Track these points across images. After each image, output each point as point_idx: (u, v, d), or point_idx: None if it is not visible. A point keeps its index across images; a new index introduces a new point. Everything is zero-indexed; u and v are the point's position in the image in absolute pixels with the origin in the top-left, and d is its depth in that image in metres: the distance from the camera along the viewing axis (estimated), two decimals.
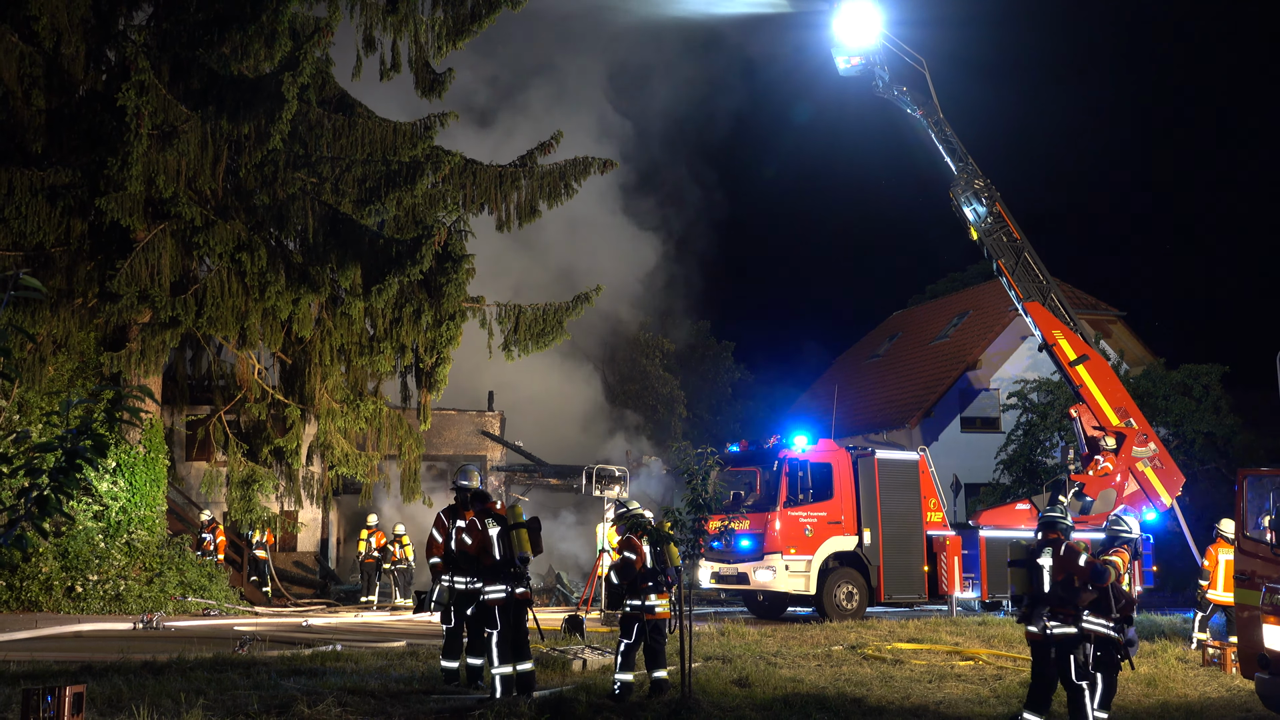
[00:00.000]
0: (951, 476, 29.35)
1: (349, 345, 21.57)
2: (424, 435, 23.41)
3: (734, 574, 20.13)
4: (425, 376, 21.68)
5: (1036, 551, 9.97)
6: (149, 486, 20.24)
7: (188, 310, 18.90)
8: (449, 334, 20.87)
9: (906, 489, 20.81)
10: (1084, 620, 9.72)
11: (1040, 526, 10.19)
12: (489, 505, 10.63)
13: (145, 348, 19.23)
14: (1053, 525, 10.09)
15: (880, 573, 20.00)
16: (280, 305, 19.51)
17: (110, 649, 13.11)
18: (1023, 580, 9.96)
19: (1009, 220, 22.96)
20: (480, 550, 10.48)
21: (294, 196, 19.90)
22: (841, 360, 45.68)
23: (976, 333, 36.07)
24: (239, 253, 18.90)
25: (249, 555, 25.05)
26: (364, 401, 22.11)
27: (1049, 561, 9.85)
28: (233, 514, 22.63)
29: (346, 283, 20.04)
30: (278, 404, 22.34)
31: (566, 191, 21.43)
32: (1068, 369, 22.61)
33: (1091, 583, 9.69)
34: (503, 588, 10.25)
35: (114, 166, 17.64)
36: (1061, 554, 9.84)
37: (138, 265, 18.59)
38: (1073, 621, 9.70)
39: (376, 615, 21.09)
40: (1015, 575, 10.03)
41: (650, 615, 10.79)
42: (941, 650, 15.12)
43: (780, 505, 19.67)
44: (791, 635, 16.45)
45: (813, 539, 19.71)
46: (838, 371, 43.46)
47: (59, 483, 4.32)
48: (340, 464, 22.30)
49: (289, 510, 25.01)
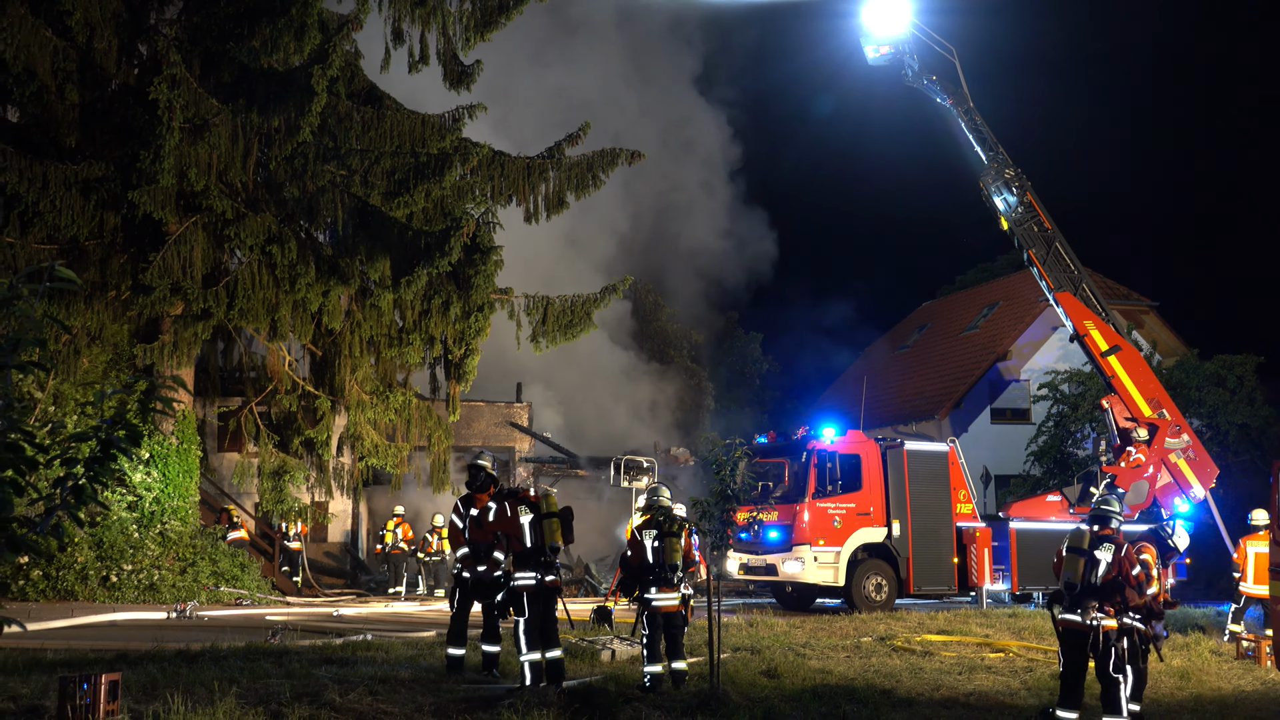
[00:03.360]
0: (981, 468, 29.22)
1: (378, 337, 21.68)
2: (453, 426, 23.52)
3: (762, 565, 20.12)
4: (454, 368, 21.76)
5: (1095, 543, 9.90)
6: (182, 477, 20.43)
7: (219, 302, 19.05)
8: (477, 325, 20.95)
9: (936, 480, 20.71)
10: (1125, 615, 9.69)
11: (1093, 518, 10.08)
12: (523, 494, 10.64)
13: (177, 339, 19.41)
14: (1107, 519, 10.00)
15: (909, 564, 19.92)
16: (310, 297, 19.63)
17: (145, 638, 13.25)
18: (1078, 568, 9.87)
19: (1040, 209, 22.77)
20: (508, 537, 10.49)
21: (323, 189, 20.01)
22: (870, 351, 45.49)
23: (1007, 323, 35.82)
24: (269, 245, 19.02)
25: (280, 545, 25.21)
26: (393, 393, 22.23)
27: (1107, 557, 9.77)
28: (264, 504, 22.82)
29: (376, 275, 20.15)
30: (308, 395, 22.50)
31: (594, 183, 21.44)
32: (1099, 360, 22.41)
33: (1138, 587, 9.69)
34: (533, 574, 10.27)
35: (146, 160, 17.79)
36: (1122, 554, 9.80)
37: (170, 258, 18.75)
38: (1117, 615, 9.64)
39: (406, 606, 21.21)
40: (1070, 562, 9.93)
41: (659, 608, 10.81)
42: (971, 642, 15.05)
43: (809, 496, 19.62)
44: (820, 627, 16.42)
45: (841, 530, 19.66)
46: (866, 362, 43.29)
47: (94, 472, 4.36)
48: (370, 455, 22.43)
49: (319, 501, 25.13)
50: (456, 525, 11.38)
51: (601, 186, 21.63)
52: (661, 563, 10.92)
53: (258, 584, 21.02)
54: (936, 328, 41.17)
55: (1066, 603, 9.87)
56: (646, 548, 11.05)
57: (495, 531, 10.53)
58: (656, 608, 10.85)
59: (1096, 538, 9.92)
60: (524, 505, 10.48)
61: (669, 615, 10.88)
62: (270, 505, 22.79)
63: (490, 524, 10.64)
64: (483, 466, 11.49)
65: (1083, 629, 9.69)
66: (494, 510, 10.68)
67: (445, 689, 10.06)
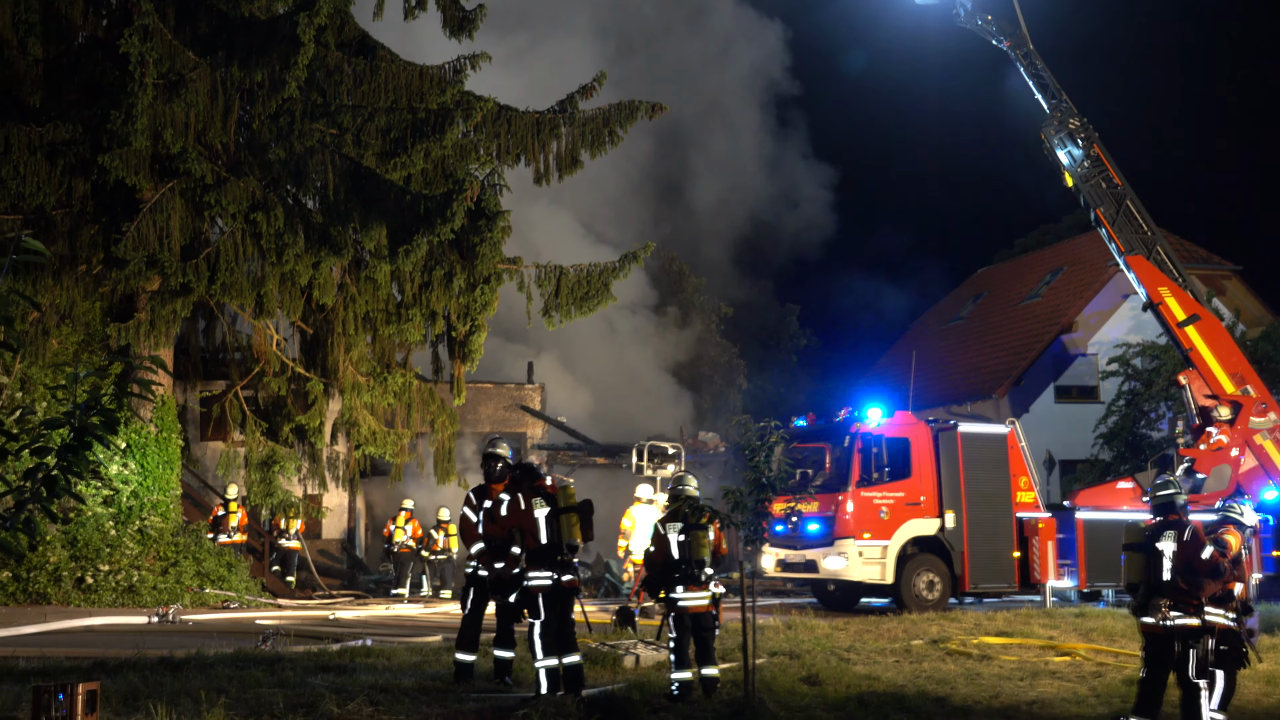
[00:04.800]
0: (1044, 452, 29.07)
1: (375, 313, 21.75)
2: (458, 411, 23.58)
3: (801, 561, 20.12)
4: (458, 346, 21.82)
5: (1155, 535, 9.81)
6: (162, 469, 20.60)
7: (199, 276, 19.15)
8: (484, 299, 20.97)
9: (994, 466, 20.63)
10: (1206, 612, 9.59)
11: (1156, 507, 10.04)
12: (539, 483, 10.64)
13: (155, 318, 19.52)
14: (1170, 505, 9.94)
15: (965, 559, 19.89)
16: (299, 269, 19.70)
17: (124, 644, 13.39)
18: (1139, 567, 9.81)
19: (1108, 164, 22.58)
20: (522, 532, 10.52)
21: (312, 150, 20.04)
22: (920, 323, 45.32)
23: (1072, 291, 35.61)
24: (254, 212, 19.09)
25: (269, 543, 25.39)
26: (392, 374, 22.31)
27: (1171, 547, 9.67)
28: (252, 498, 22.96)
29: (371, 244, 20.18)
30: (298, 378, 22.61)
31: (611, 139, 21.38)
32: (1176, 330, 22.25)
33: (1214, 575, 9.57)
34: (548, 574, 10.30)
35: (117, 120, 17.86)
36: (1185, 539, 9.68)
37: (145, 228, 18.85)
38: (1195, 613, 9.56)
39: (410, 608, 21.35)
40: (1130, 561, 9.89)
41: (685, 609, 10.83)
42: (1034, 645, 15.04)
43: (853, 485, 19.60)
44: (866, 628, 16.44)
45: (889, 522, 19.64)
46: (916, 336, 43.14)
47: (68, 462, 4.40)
48: (367, 443, 22.53)
49: (312, 494, 25.29)
50: (470, 519, 11.40)
51: (620, 143, 21.56)
52: (688, 559, 10.93)
53: (246, 585, 21.20)
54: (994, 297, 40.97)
55: (1136, 604, 9.84)
56: (671, 542, 11.06)
57: (510, 526, 10.56)
58: (684, 608, 10.88)
59: (1158, 527, 9.85)
60: (540, 497, 10.51)
61: (698, 617, 10.90)
62: (259, 499, 22.94)
63: (503, 518, 10.66)
64: (500, 456, 11.50)
65: (1159, 631, 9.65)
66: (506, 503, 10.70)
67: (453, 699, 10.14)
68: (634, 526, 19.34)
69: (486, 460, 11.53)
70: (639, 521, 19.25)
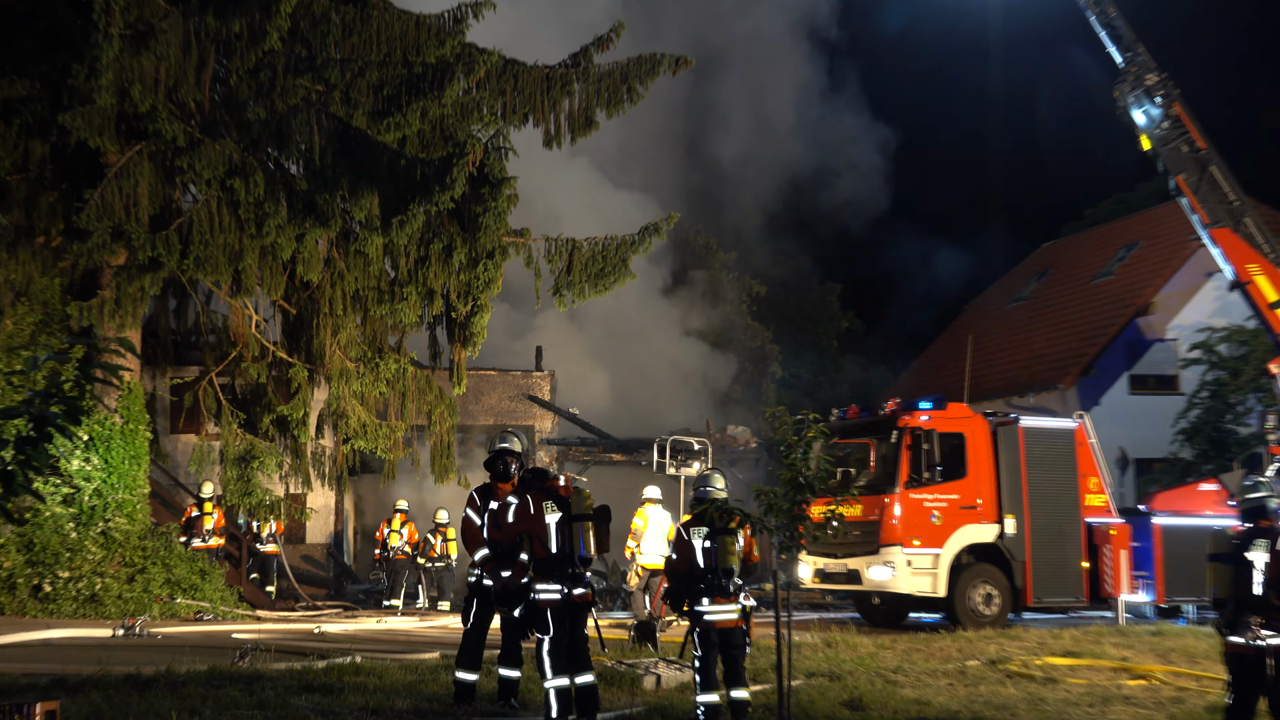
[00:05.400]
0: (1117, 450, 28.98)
1: (365, 291, 21.78)
2: (458, 401, 23.62)
3: (842, 571, 20.11)
4: (459, 328, 21.84)
5: (1244, 544, 9.73)
6: (128, 464, 20.67)
7: (170, 249, 19.18)
8: (487, 275, 20.98)
9: (1060, 465, 20.57)
10: None
11: (1244, 512, 9.96)
12: (551, 484, 10.64)
13: (120, 295, 19.57)
14: (1261, 510, 9.87)
15: (1027, 570, 19.84)
16: (281, 242, 19.73)
17: (86, 659, 13.46)
18: (1226, 579, 9.74)
19: (1190, 125, 22.42)
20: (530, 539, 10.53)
21: (296, 109, 20.05)
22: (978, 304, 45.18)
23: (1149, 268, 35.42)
24: (231, 178, 19.11)
25: (248, 548, 25.51)
26: (384, 360, 22.35)
27: (1263, 557, 9.59)
28: (228, 497, 23.04)
29: (361, 214, 20.20)
30: (280, 364, 22.67)
31: (630, 97, 21.34)
32: (1266, 313, 22.12)
33: None
34: (557, 587, 10.31)
35: (79, 75, 17.88)
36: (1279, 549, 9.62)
37: (110, 195, 18.89)
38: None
39: (404, 621, 21.42)
40: (1217, 573, 9.82)
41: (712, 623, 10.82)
42: (1105, 666, 15.00)
43: (901, 485, 19.58)
44: (915, 647, 16.41)
45: (941, 528, 19.61)
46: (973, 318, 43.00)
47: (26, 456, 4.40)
48: (357, 436, 22.59)
49: (295, 493, 25.40)
50: (473, 522, 11.35)
51: (639, 101, 21.51)
52: (715, 567, 10.93)
53: (222, 595, 21.26)
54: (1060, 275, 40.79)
55: (1223, 621, 9.77)
56: (695, 549, 11.04)
57: (517, 532, 10.56)
58: (710, 623, 10.87)
59: (1247, 535, 9.77)
60: (551, 502, 10.51)
61: (726, 632, 10.89)
62: (236, 499, 23.02)
63: (509, 524, 10.66)
64: (513, 452, 11.46)
65: (1248, 652, 9.58)
66: (514, 507, 10.69)
67: None
68: (645, 526, 19.38)
69: (497, 456, 11.47)
70: (651, 521, 19.30)
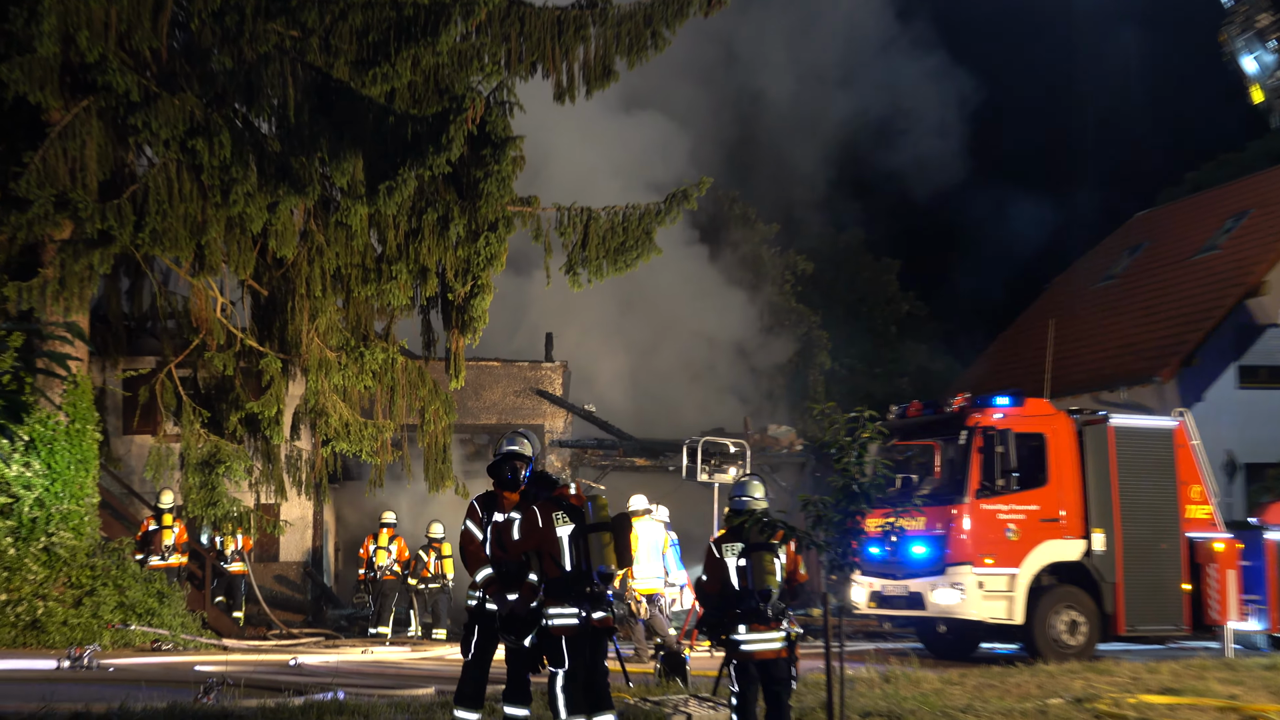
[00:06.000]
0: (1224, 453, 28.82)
1: (348, 269, 21.82)
2: (456, 396, 23.64)
3: (903, 594, 20.07)
4: (456, 312, 21.88)
5: None
6: (74, 470, 20.73)
7: (123, 221, 19.24)
8: (489, 251, 21.01)
9: (1157, 471, 20.49)
10: None
11: None
12: (561, 492, 10.64)
13: (65, 274, 19.65)
14: None
15: (1118, 593, 19.78)
16: (251, 212, 19.77)
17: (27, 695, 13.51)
18: None
19: None
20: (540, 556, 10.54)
21: (267, 57, 20.08)
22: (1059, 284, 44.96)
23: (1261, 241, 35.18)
24: (192, 139, 19.15)
25: (213, 567, 25.54)
26: (370, 349, 22.39)
27: None
28: (190, 508, 23.09)
29: (343, 179, 20.24)
30: (250, 353, 22.71)
31: (654, 42, 21.33)
32: None
33: None
34: (574, 611, 10.31)
35: (18, 20, 17.93)
36: None
37: (53, 158, 18.95)
38: None
39: (394, 651, 21.47)
40: None
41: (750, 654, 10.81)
42: (1211, 706, 14.92)
43: (971, 495, 19.51)
44: (988, 682, 16.37)
45: (1018, 544, 19.54)
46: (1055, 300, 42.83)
47: None
48: (338, 438, 22.65)
49: (267, 504, 25.46)
50: (474, 536, 11.32)
51: (665, 47, 21.50)
52: (752, 589, 10.93)
53: (183, 621, 21.35)
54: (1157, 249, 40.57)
55: None
56: (729, 569, 11.05)
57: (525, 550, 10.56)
58: (748, 654, 10.87)
59: None
60: (562, 512, 10.51)
61: (766, 665, 10.90)
62: (199, 510, 23.07)
63: (515, 542, 10.67)
64: (522, 456, 11.42)
65: None
66: (519, 521, 10.70)
67: None
68: (636, 545, 19.38)
69: (503, 461, 11.42)
70: (641, 538, 19.22)
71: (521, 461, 11.37)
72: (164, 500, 23.90)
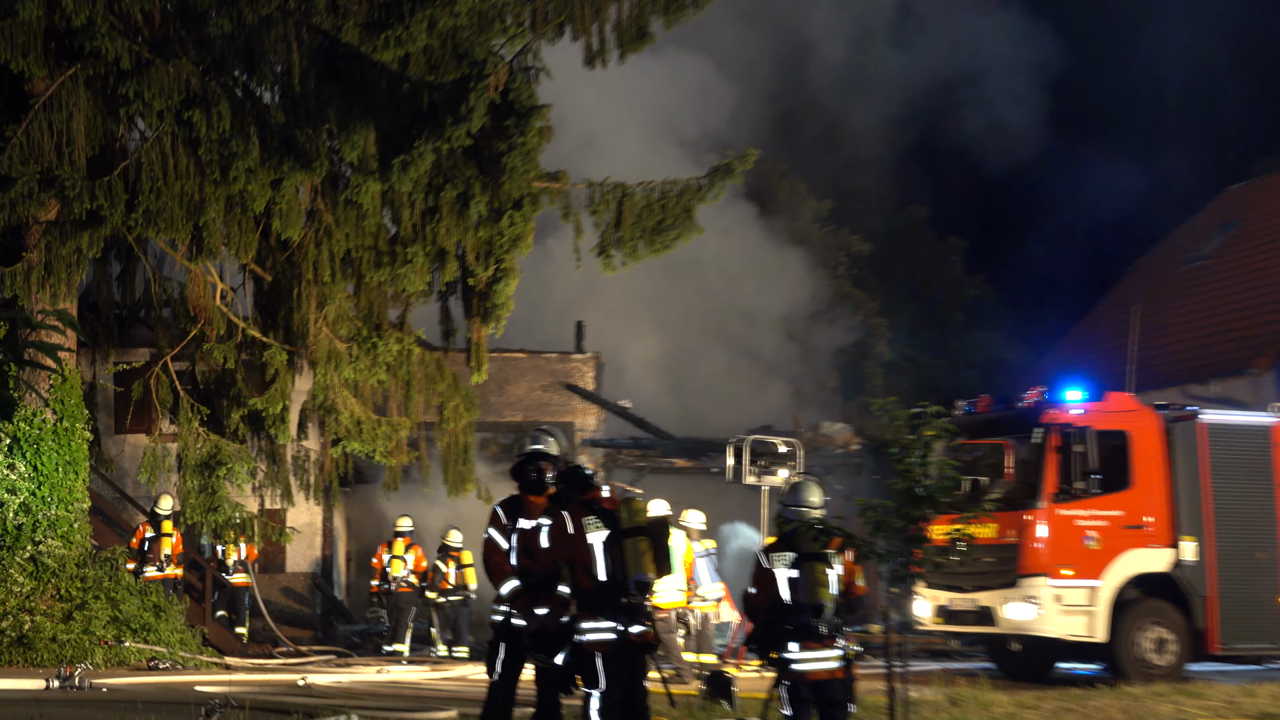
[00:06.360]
0: None
1: (359, 252, 21.84)
2: (478, 391, 23.65)
3: (971, 608, 20.03)
4: (478, 299, 21.91)
5: None
6: (63, 472, 20.80)
7: (114, 200, 19.32)
8: (514, 231, 21.00)
9: (1254, 473, 20.38)
10: None
11: None
12: (593, 495, 10.65)
13: (52, 258, 19.74)
14: None
15: (1211, 608, 19.68)
16: (252, 190, 19.82)
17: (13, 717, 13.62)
18: None
19: None
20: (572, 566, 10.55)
21: (270, 20, 20.15)
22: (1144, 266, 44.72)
23: None
24: (188, 110, 19.22)
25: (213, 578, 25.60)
26: (384, 339, 22.40)
27: None
28: (189, 514, 23.15)
29: (354, 154, 20.27)
30: (253, 344, 22.77)
31: (694, 2, 21.28)
32: None
33: None
34: (609, 625, 10.33)
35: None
36: None
37: (37, 132, 19.05)
38: None
39: (412, 670, 21.52)
40: None
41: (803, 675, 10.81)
42: None
43: (1046, 499, 19.47)
44: (1066, 706, 16.34)
45: (1100, 553, 19.48)
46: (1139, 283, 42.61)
47: None
48: (349, 437, 22.67)
49: (272, 509, 25.53)
50: (498, 545, 11.36)
51: (707, 6, 21.47)
52: (804, 603, 10.93)
53: (182, 637, 21.40)
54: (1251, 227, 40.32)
55: None
56: (779, 581, 11.05)
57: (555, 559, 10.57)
58: (801, 674, 10.88)
59: None
60: (594, 517, 10.53)
61: (821, 686, 10.90)
62: (198, 516, 23.13)
63: (545, 550, 10.68)
64: (549, 456, 11.46)
65: None
66: (548, 528, 10.72)
67: None
68: None
69: (527, 461, 11.44)
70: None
71: (547, 462, 11.36)
72: (162, 505, 23.97)
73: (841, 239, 42.87)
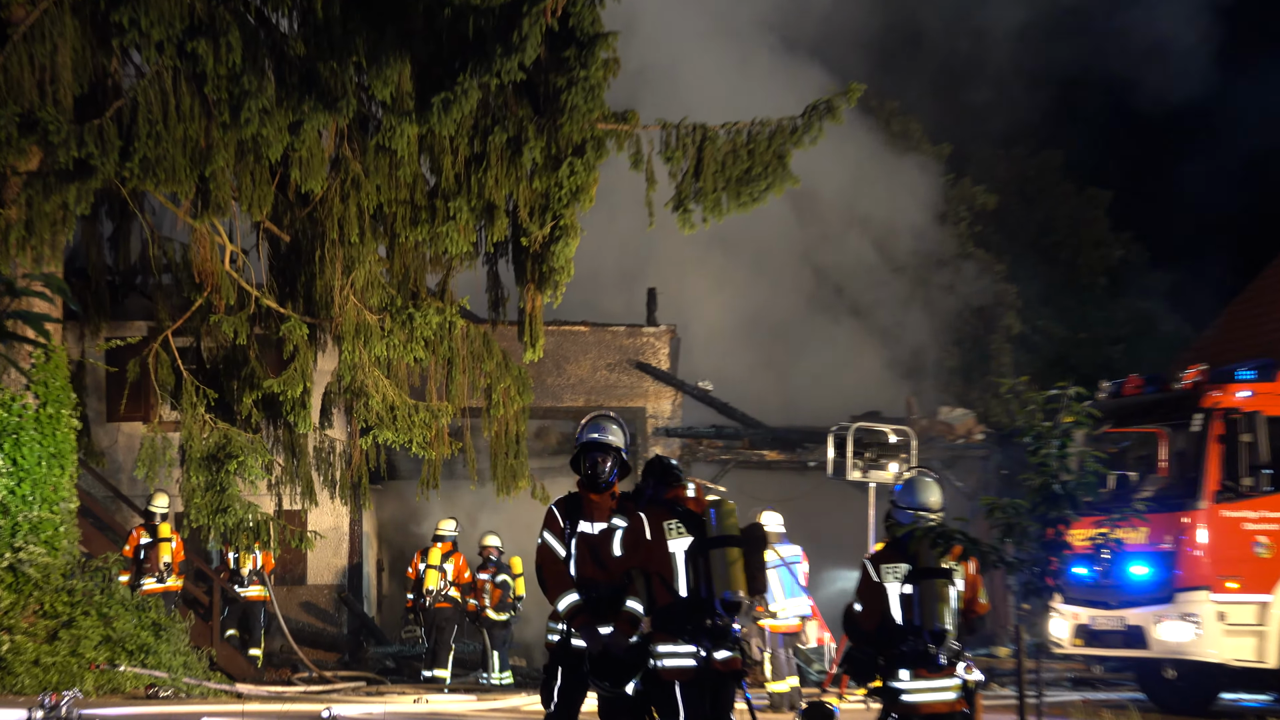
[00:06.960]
0: None
1: (392, 207, 21.86)
2: (532, 371, 23.64)
3: (1118, 627, 19.91)
4: (532, 262, 21.92)
5: None
6: (46, 467, 20.98)
7: (105, 146, 19.44)
8: (574, 181, 20.96)
9: None
10: None
11: None
12: (676, 494, 10.63)
13: (33, 215, 19.88)
14: None
15: None
16: (267, 134, 19.89)
17: None
18: None
19: None
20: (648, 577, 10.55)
21: None
22: None
23: None
24: (192, 40, 19.30)
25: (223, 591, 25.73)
26: (421, 309, 22.43)
27: None
28: (193, 516, 23.27)
29: (386, 91, 20.31)
30: (268, 316, 22.87)
31: None
32: None
33: None
34: (690, 650, 10.33)
35: None
36: None
37: (16, 67, 19.18)
38: None
39: (455, 700, 21.61)
40: None
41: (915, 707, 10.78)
42: None
43: (1208, 497, 19.32)
44: None
45: (1272, 562, 19.32)
46: None
47: None
48: (381, 425, 22.74)
49: (291, 510, 25.64)
50: (554, 552, 11.37)
51: None
52: (919, 625, 10.90)
53: (185, 660, 21.54)
54: None
55: None
56: (890, 596, 11.03)
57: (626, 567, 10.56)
58: (913, 706, 10.87)
59: None
60: (677, 520, 10.51)
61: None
62: (204, 518, 23.23)
63: (616, 558, 10.68)
64: (604, 445, 11.49)
65: None
66: (622, 530, 10.71)
67: None
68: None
69: (584, 452, 11.46)
70: None
71: (606, 454, 11.34)
72: (156, 504, 24.12)
73: (962, 191, 42.57)
